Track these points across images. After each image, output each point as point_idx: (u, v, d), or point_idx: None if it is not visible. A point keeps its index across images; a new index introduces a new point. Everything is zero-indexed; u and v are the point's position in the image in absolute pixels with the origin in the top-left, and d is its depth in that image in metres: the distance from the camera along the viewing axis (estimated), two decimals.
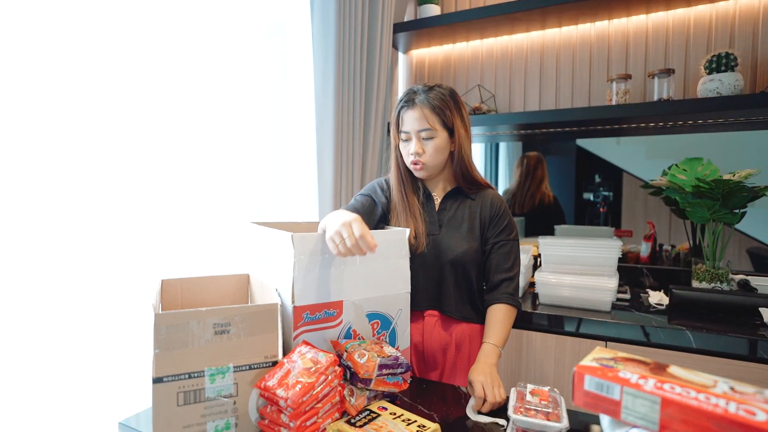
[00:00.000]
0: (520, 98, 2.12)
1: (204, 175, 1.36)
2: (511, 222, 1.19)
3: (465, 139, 1.15)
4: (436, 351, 1.15)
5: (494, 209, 1.18)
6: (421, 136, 1.12)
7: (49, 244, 1.01)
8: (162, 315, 0.73)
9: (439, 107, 1.11)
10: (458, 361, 1.16)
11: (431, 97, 1.11)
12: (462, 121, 1.15)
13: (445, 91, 1.14)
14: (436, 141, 1.12)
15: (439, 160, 1.14)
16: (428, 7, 2.08)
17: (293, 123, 1.69)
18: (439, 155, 1.13)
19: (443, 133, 1.12)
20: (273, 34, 1.64)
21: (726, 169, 1.57)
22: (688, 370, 0.54)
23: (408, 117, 1.13)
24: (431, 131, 1.11)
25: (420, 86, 1.15)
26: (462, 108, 1.16)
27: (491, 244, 1.17)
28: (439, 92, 1.12)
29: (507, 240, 1.17)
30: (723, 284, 1.54)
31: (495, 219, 1.17)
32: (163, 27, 1.23)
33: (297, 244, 0.86)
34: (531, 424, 0.73)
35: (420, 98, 1.12)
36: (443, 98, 1.12)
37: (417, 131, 1.12)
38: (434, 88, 1.14)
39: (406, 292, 1.04)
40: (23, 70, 0.95)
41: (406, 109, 1.13)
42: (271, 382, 0.75)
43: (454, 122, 1.13)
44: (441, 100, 1.11)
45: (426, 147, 1.12)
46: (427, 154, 1.13)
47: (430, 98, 1.11)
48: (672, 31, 1.83)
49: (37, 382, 0.98)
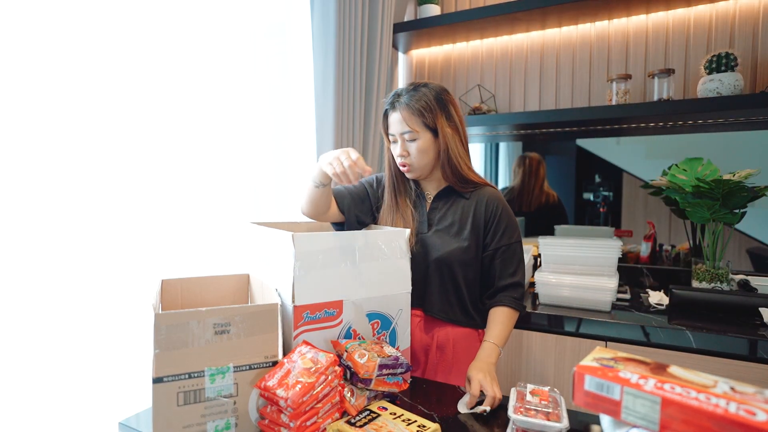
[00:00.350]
0: (520, 98, 2.12)
1: (204, 175, 1.36)
2: (510, 224, 1.16)
3: (452, 139, 1.12)
4: (417, 350, 1.15)
5: (489, 211, 1.14)
6: (405, 138, 1.12)
7: (50, 245, 1.01)
8: (162, 315, 0.73)
9: (418, 109, 1.09)
10: (440, 363, 1.14)
11: (413, 98, 1.10)
12: (449, 120, 1.12)
13: (430, 90, 1.12)
14: (419, 143, 1.11)
15: (425, 161, 1.13)
16: (428, 7, 2.08)
17: (293, 123, 1.69)
18: (424, 156, 1.12)
19: (426, 135, 1.11)
20: (273, 34, 1.64)
21: (726, 169, 1.57)
22: (688, 370, 0.54)
23: (391, 120, 1.14)
24: (413, 133, 1.10)
25: (404, 88, 1.15)
26: (450, 106, 1.13)
27: (492, 250, 1.15)
28: (422, 93, 1.11)
29: (508, 244, 1.15)
30: (723, 284, 1.54)
31: (492, 222, 1.14)
32: (162, 27, 1.22)
33: (297, 244, 0.86)
34: (531, 424, 0.73)
35: (402, 100, 1.11)
36: (425, 99, 1.10)
37: (400, 134, 1.12)
38: (419, 87, 1.12)
39: (406, 292, 1.04)
40: (23, 71, 0.95)
41: (390, 112, 1.14)
42: (271, 382, 0.75)
43: (437, 123, 1.11)
44: (422, 102, 1.10)
45: (410, 149, 1.12)
46: (411, 156, 1.13)
47: (412, 100, 1.10)
48: (672, 31, 1.83)
49: (37, 382, 0.98)
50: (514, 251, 1.16)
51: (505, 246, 1.14)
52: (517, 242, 1.16)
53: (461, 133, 1.15)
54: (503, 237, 1.14)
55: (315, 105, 1.68)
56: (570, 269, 1.65)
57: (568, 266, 1.67)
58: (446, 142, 1.12)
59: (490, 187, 1.19)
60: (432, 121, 1.10)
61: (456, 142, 1.13)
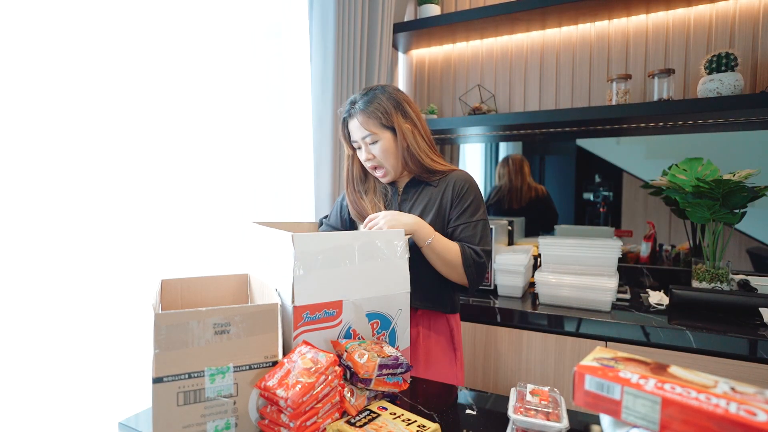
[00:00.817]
0: (520, 98, 2.12)
1: (203, 176, 1.36)
2: (475, 201, 1.15)
3: (412, 135, 1.15)
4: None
5: (456, 190, 1.15)
6: (367, 142, 1.15)
7: (50, 245, 1.01)
8: (162, 315, 0.73)
9: (373, 111, 1.13)
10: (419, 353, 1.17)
11: (367, 103, 1.14)
12: (405, 117, 1.15)
13: (381, 92, 1.15)
14: (381, 144, 1.14)
15: (392, 160, 1.16)
16: (428, 7, 2.08)
17: (292, 123, 1.69)
18: (389, 156, 1.15)
19: (386, 134, 1.14)
20: (271, 35, 1.64)
21: (726, 169, 1.57)
22: (688, 370, 0.54)
23: (351, 127, 1.17)
24: (373, 135, 1.14)
25: (358, 94, 1.18)
26: (405, 105, 1.16)
27: (452, 228, 1.14)
28: (375, 95, 1.15)
29: (468, 222, 1.13)
30: (723, 284, 1.54)
31: (457, 199, 1.15)
32: (161, 28, 1.22)
33: (297, 244, 0.86)
34: (531, 424, 0.73)
35: (357, 107, 1.15)
36: (377, 100, 1.13)
37: (362, 138, 1.15)
38: (371, 91, 1.16)
39: (405, 292, 1.04)
40: (23, 72, 0.95)
41: (348, 120, 1.18)
42: (271, 382, 0.75)
43: (394, 121, 1.13)
44: (374, 104, 1.13)
45: (374, 151, 1.15)
46: (378, 158, 1.16)
47: (366, 105, 1.14)
48: (672, 31, 1.83)
49: (37, 382, 0.98)
50: (476, 227, 1.13)
51: (464, 224, 1.13)
52: (481, 220, 1.15)
53: (420, 127, 1.18)
54: (464, 214, 1.14)
55: (313, 105, 1.67)
56: (570, 269, 1.65)
57: (568, 266, 1.67)
58: (406, 139, 1.14)
59: (458, 171, 1.20)
60: (389, 121, 1.14)
61: (415, 136, 1.16)
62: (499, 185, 2.21)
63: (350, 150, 1.23)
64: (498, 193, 2.20)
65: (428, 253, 1.09)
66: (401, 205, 1.21)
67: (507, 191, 2.19)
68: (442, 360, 1.20)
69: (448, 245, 1.09)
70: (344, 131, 1.21)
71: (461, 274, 1.10)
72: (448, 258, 1.09)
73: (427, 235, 1.07)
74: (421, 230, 1.07)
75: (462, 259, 1.09)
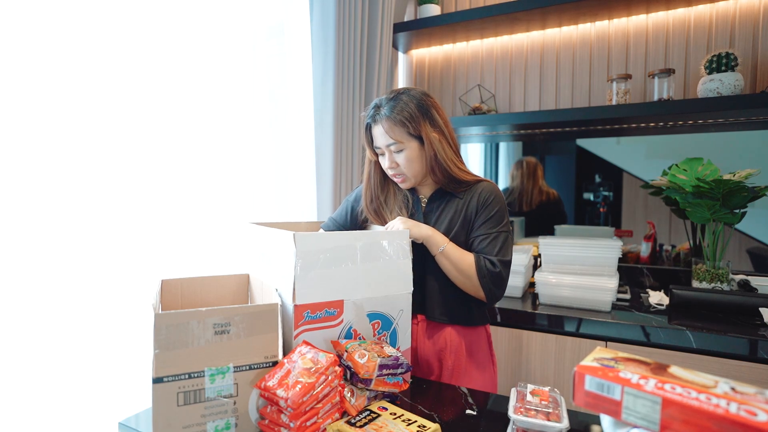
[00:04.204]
0: (520, 98, 2.12)
1: (204, 176, 1.36)
2: (499, 212, 1.10)
3: (440, 144, 1.09)
4: (429, 357, 1.14)
5: (481, 200, 1.11)
6: (391, 150, 1.10)
7: (50, 245, 1.01)
8: (162, 315, 0.73)
9: (401, 120, 1.06)
10: (456, 367, 1.13)
11: (394, 109, 1.07)
12: (433, 125, 1.09)
13: (411, 98, 1.08)
14: (406, 152, 1.09)
15: (416, 169, 1.11)
16: (428, 7, 2.08)
17: (292, 123, 1.69)
18: (414, 165, 1.10)
19: (413, 143, 1.09)
20: (272, 35, 1.64)
21: (726, 169, 1.57)
22: (688, 371, 0.54)
23: (375, 133, 1.12)
24: (398, 144, 1.08)
25: (384, 98, 1.12)
26: (433, 112, 1.10)
27: (473, 238, 1.11)
28: (403, 102, 1.07)
29: (488, 233, 1.09)
30: (723, 284, 1.54)
31: (481, 210, 1.11)
32: (162, 29, 1.22)
33: (299, 243, 0.86)
34: (531, 424, 0.73)
35: (382, 112, 1.09)
36: (406, 108, 1.07)
37: (386, 146, 1.10)
38: (398, 97, 1.09)
39: (407, 293, 1.04)
40: (24, 72, 0.95)
41: (372, 125, 1.12)
42: (271, 382, 0.75)
43: (422, 130, 1.08)
44: (404, 111, 1.06)
45: (398, 159, 1.10)
46: (402, 166, 1.11)
47: (393, 111, 1.07)
48: (672, 31, 1.83)
49: (37, 382, 0.98)
50: (496, 237, 1.10)
51: (484, 235, 1.09)
52: (503, 232, 1.11)
53: (448, 136, 1.12)
54: (485, 225, 1.10)
55: (314, 105, 1.67)
56: (570, 269, 1.65)
57: (568, 266, 1.67)
58: (433, 148, 1.09)
59: (485, 182, 1.16)
60: (416, 130, 1.07)
61: (444, 146, 1.11)
62: (511, 187, 2.21)
63: (373, 156, 1.17)
64: (509, 195, 2.21)
65: (442, 261, 1.07)
66: (426, 217, 1.16)
67: (518, 193, 2.19)
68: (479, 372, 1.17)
69: (462, 254, 1.07)
70: (367, 136, 1.14)
71: (476, 286, 1.06)
72: (461, 266, 1.06)
73: (440, 243, 1.06)
74: (434, 236, 1.06)
75: (476, 269, 1.06)
